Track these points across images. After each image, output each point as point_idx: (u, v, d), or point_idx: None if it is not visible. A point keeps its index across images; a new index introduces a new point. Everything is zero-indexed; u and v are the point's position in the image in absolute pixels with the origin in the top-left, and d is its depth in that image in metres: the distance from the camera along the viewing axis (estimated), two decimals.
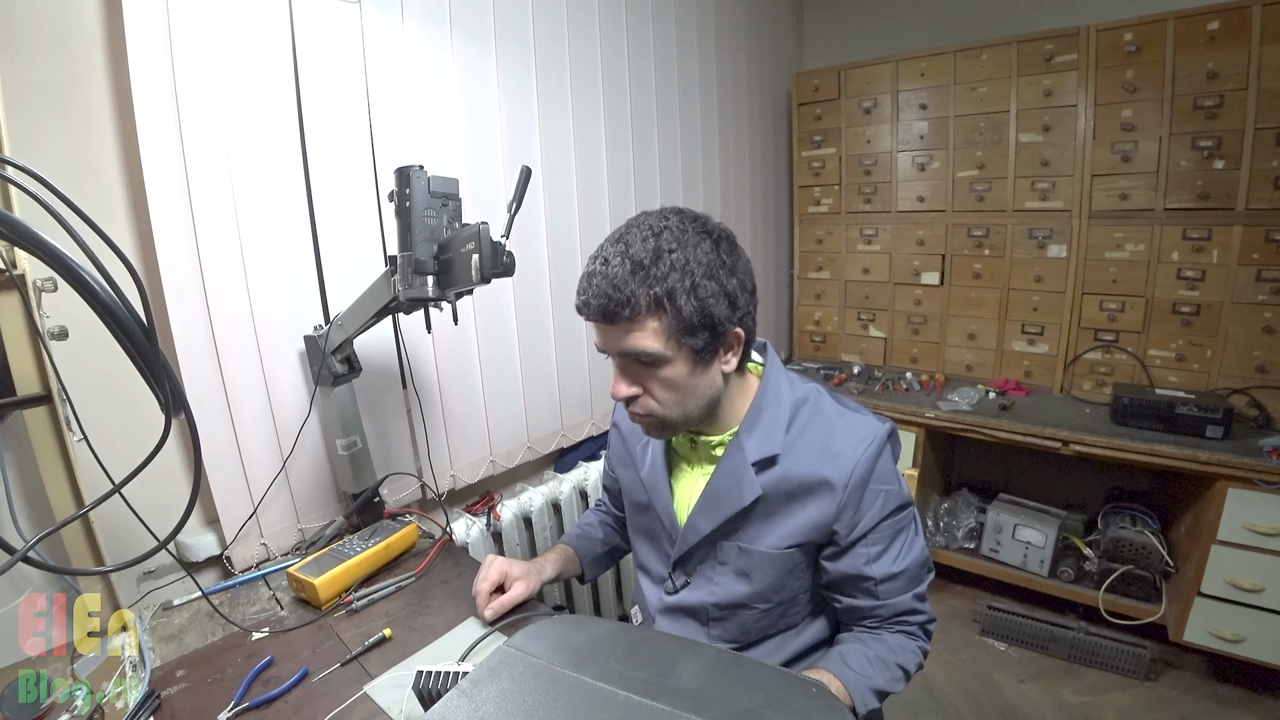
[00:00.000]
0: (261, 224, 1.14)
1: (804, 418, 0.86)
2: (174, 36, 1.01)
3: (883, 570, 0.83)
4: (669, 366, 0.77)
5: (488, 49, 1.47)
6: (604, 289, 0.74)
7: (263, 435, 1.19)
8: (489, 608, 0.93)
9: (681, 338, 0.76)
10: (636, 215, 0.80)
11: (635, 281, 0.73)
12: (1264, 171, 1.71)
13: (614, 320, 0.76)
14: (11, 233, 0.52)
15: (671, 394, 0.79)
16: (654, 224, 0.77)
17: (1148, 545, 1.84)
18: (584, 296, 0.77)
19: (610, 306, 0.74)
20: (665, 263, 0.74)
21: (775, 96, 2.63)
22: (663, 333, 0.75)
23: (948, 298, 2.31)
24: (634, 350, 0.76)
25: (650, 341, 0.75)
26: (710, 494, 0.88)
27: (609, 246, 0.77)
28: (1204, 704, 1.73)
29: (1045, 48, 1.98)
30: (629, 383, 0.80)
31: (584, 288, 0.77)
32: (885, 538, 0.83)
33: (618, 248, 0.75)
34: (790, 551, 0.85)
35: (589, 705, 0.59)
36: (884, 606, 0.85)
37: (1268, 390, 1.77)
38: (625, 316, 0.75)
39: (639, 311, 0.74)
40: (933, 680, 1.88)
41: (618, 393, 0.80)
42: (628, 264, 0.74)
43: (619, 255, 0.75)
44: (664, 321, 0.75)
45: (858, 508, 0.82)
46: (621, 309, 0.74)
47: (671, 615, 0.96)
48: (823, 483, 0.82)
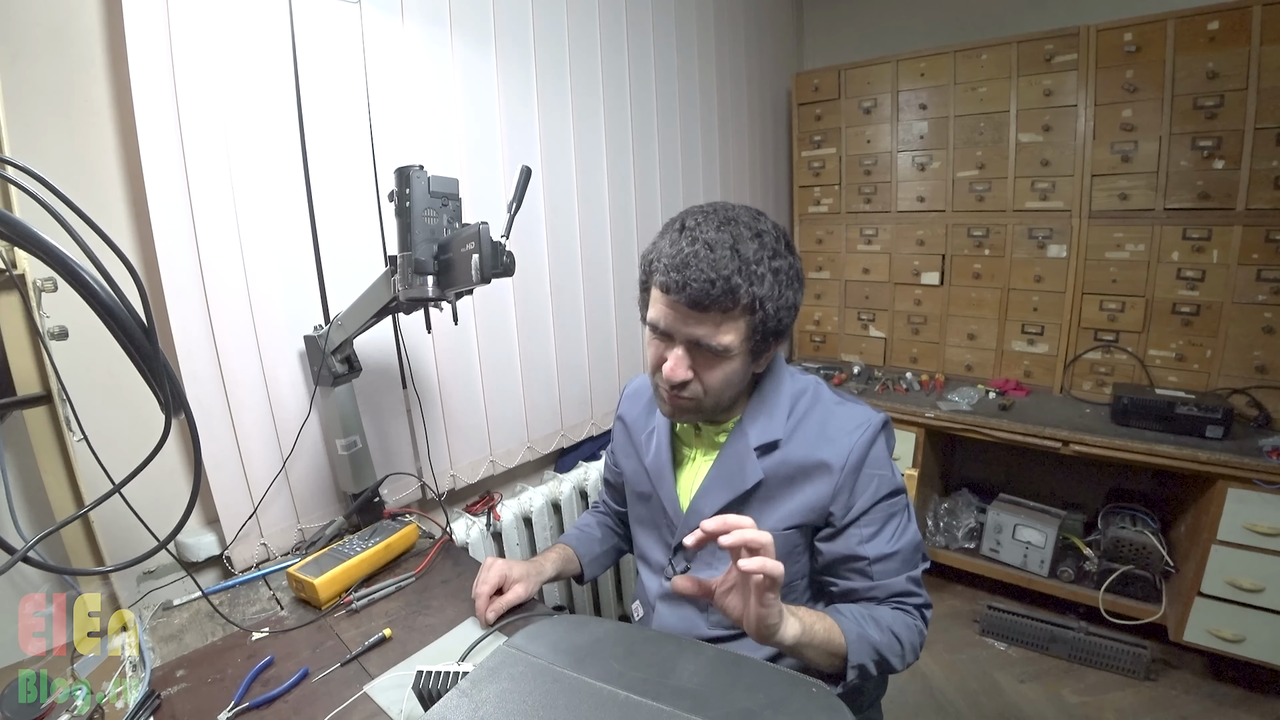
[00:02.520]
0: (261, 224, 1.14)
1: (804, 406, 0.89)
2: (174, 36, 1.00)
3: (876, 550, 0.85)
4: (731, 362, 0.80)
5: (488, 49, 1.47)
6: (708, 276, 0.74)
7: (263, 435, 1.19)
8: (489, 610, 0.94)
9: (753, 339, 0.79)
10: (720, 204, 0.81)
11: (740, 277, 0.74)
12: (1264, 171, 1.71)
13: (705, 309, 0.76)
14: (11, 233, 0.52)
15: (721, 385, 0.82)
16: (751, 223, 0.78)
17: (1148, 545, 1.84)
18: (682, 275, 0.75)
19: (711, 294, 0.74)
20: (765, 266, 0.76)
21: (775, 96, 2.63)
22: (743, 331, 0.78)
23: (948, 298, 2.31)
24: (711, 343, 0.77)
25: (730, 338, 0.77)
26: (714, 478, 0.90)
27: (707, 231, 0.76)
28: (1204, 704, 1.73)
29: (1045, 48, 1.98)
30: (687, 366, 0.80)
31: (681, 266, 0.75)
32: (878, 520, 0.86)
33: (721, 236, 0.75)
34: (789, 533, 0.87)
35: (589, 705, 0.59)
36: (879, 587, 0.86)
37: (1268, 390, 1.77)
38: (720, 308, 0.75)
39: (733, 307, 0.76)
40: (933, 680, 1.88)
41: (675, 376, 0.80)
42: (735, 259, 0.74)
43: (725, 246, 0.75)
44: (749, 322, 0.78)
45: (852, 490, 0.84)
46: (720, 300, 0.75)
47: (671, 601, 0.97)
48: (820, 465, 0.84)
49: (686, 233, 0.77)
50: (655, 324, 0.81)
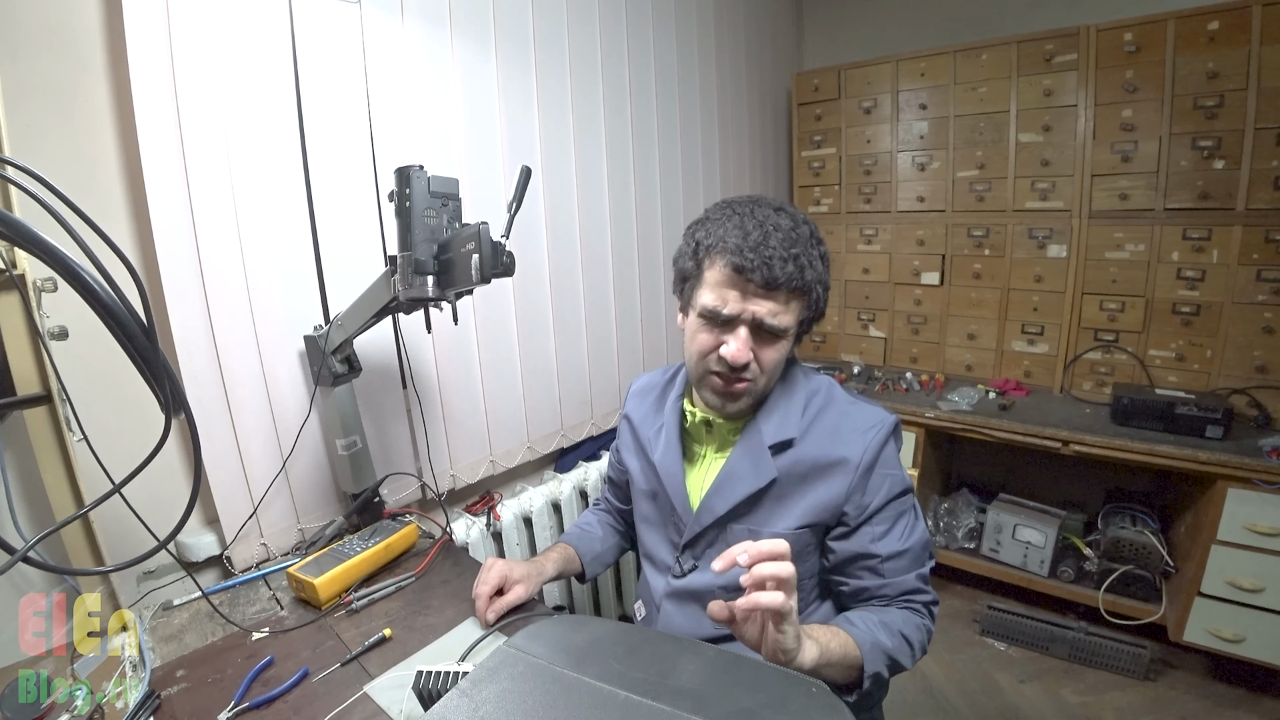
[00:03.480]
0: (261, 224, 1.14)
1: (818, 405, 0.90)
2: (174, 36, 1.00)
3: (888, 548, 0.86)
4: (784, 343, 0.84)
5: (488, 49, 1.47)
6: (784, 254, 0.77)
7: (263, 435, 1.19)
8: (489, 610, 0.93)
9: (802, 321, 0.84)
10: (754, 195, 0.86)
11: (805, 258, 0.79)
12: (1264, 171, 1.71)
13: (775, 289, 0.79)
14: (11, 233, 0.52)
15: (774, 368, 0.85)
16: (795, 213, 0.82)
17: (1148, 545, 1.84)
18: (758, 254, 0.77)
19: (785, 274, 0.78)
20: (817, 251, 0.82)
21: (775, 96, 2.63)
22: (799, 312, 0.83)
23: (948, 298, 2.31)
24: (774, 323, 0.80)
25: (790, 318, 0.82)
26: (726, 476, 0.90)
27: (770, 215, 0.80)
28: (1204, 704, 1.73)
29: (1045, 48, 1.98)
30: (749, 349, 0.82)
31: (757, 246, 0.77)
32: (890, 519, 0.87)
33: (782, 220, 0.80)
34: (800, 532, 0.88)
35: (589, 705, 0.59)
36: (889, 585, 0.87)
37: (1268, 390, 1.77)
38: (790, 288, 0.79)
39: (798, 286, 0.80)
40: (933, 680, 1.88)
41: (741, 357, 0.81)
42: (799, 244, 0.79)
43: (789, 231, 0.79)
44: (804, 303, 0.82)
45: (865, 490, 0.85)
46: (791, 281, 0.78)
47: (678, 600, 0.97)
48: (835, 463, 0.86)
49: (747, 217, 0.80)
50: (716, 309, 0.82)
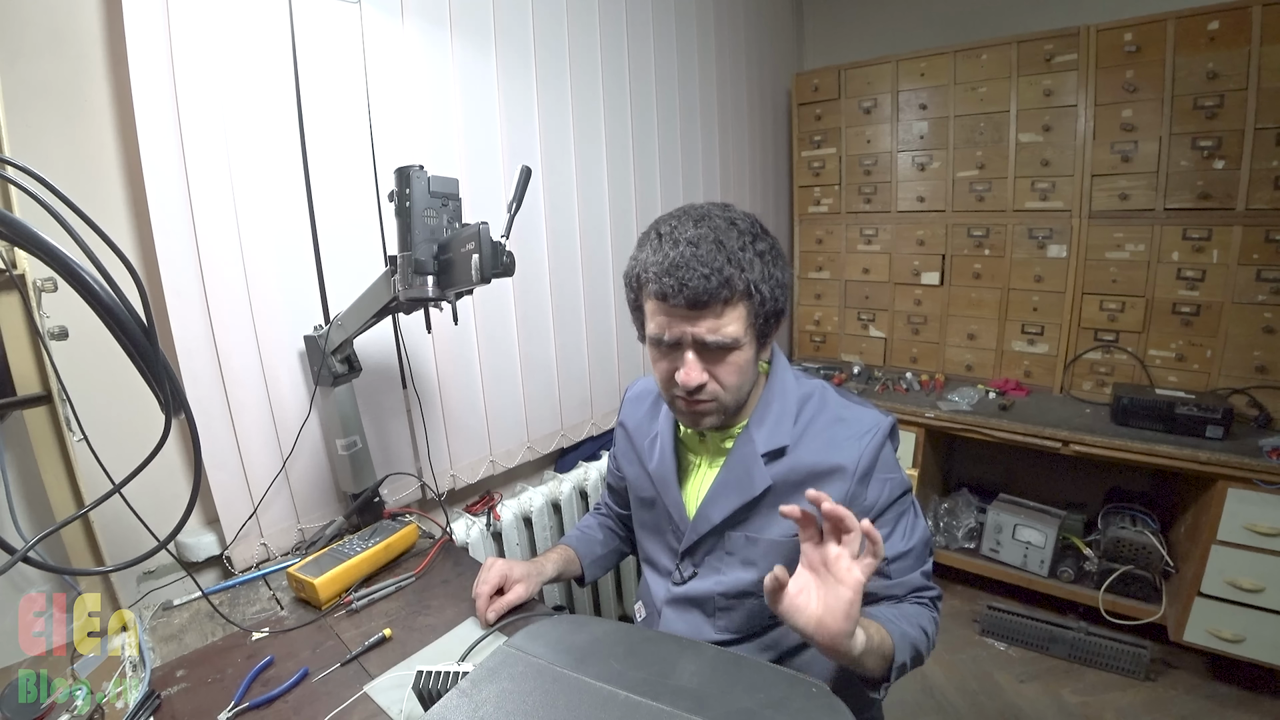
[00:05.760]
0: (261, 224, 1.14)
1: (811, 411, 0.89)
2: (174, 36, 1.00)
3: (893, 550, 0.85)
4: (741, 353, 0.81)
5: (488, 49, 1.47)
6: (701, 272, 0.75)
7: (263, 435, 1.19)
8: (489, 610, 0.93)
9: (757, 324, 0.80)
10: (687, 206, 0.83)
11: (731, 267, 0.76)
12: (1264, 171, 1.71)
13: (704, 306, 0.77)
14: (11, 233, 0.52)
15: (736, 379, 0.82)
16: (723, 215, 0.80)
17: (1148, 545, 1.84)
18: (675, 278, 0.76)
19: (708, 288, 0.75)
20: (750, 252, 0.77)
21: (775, 96, 2.63)
22: (746, 319, 0.79)
23: (948, 298, 2.31)
24: (718, 338, 0.78)
25: (734, 328, 0.78)
26: (721, 485, 0.90)
27: (686, 231, 0.78)
28: (1204, 704, 1.73)
29: (1045, 48, 1.98)
30: (701, 369, 0.80)
31: (671, 270, 0.76)
32: (891, 521, 0.86)
33: (700, 232, 0.77)
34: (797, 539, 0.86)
35: (589, 705, 0.59)
36: (897, 585, 0.86)
37: (1268, 390, 1.77)
38: (720, 300, 0.76)
39: (732, 297, 0.77)
40: (933, 680, 1.88)
41: (691, 380, 0.80)
42: (721, 250, 0.76)
43: (708, 241, 0.76)
44: (749, 308, 0.79)
45: (864, 496, 0.84)
46: (717, 294, 0.76)
47: (678, 606, 0.97)
48: (831, 471, 0.84)
49: (666, 238, 0.78)
50: (658, 337, 0.81)
